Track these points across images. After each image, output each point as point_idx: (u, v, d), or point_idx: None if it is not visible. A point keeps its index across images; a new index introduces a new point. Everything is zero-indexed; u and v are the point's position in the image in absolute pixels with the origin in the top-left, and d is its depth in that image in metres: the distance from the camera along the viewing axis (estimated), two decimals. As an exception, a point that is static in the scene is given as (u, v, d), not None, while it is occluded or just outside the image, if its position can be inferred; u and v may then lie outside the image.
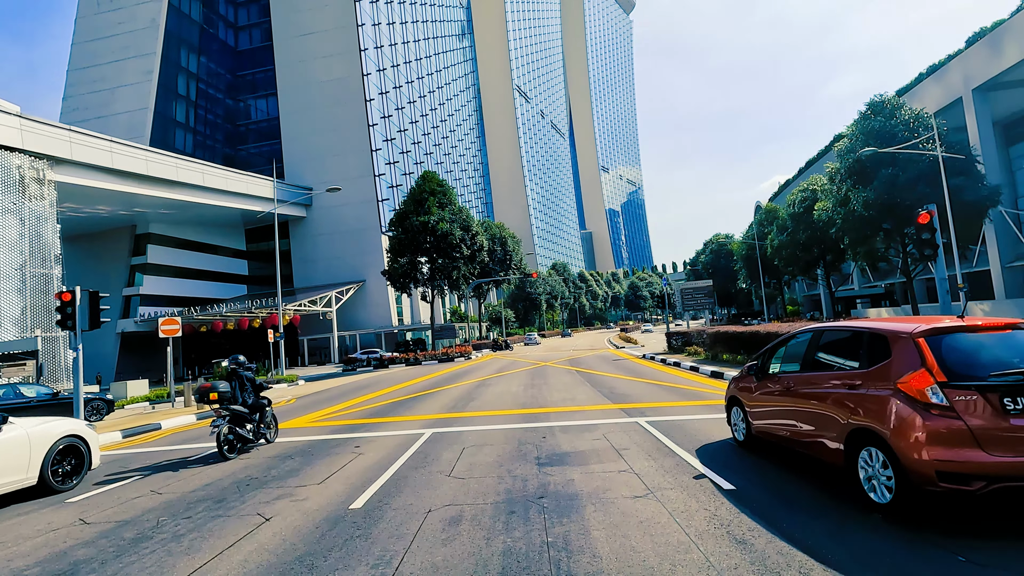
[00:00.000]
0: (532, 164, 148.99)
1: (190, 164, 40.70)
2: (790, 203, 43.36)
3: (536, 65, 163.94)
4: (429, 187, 35.60)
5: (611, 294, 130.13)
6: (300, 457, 7.92)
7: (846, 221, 31.68)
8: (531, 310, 78.30)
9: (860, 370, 4.68)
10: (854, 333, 5.08)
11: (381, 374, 28.47)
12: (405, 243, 33.94)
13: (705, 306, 26.53)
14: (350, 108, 56.93)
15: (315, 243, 57.88)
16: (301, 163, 57.80)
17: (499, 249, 49.44)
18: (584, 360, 26.33)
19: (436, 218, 33.58)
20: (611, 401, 11.43)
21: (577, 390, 13.94)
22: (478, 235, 35.74)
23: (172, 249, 50.04)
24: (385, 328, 53.88)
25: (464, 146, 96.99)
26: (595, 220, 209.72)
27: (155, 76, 49.84)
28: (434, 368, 29.51)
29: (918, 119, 30.55)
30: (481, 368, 26.05)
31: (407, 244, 33.90)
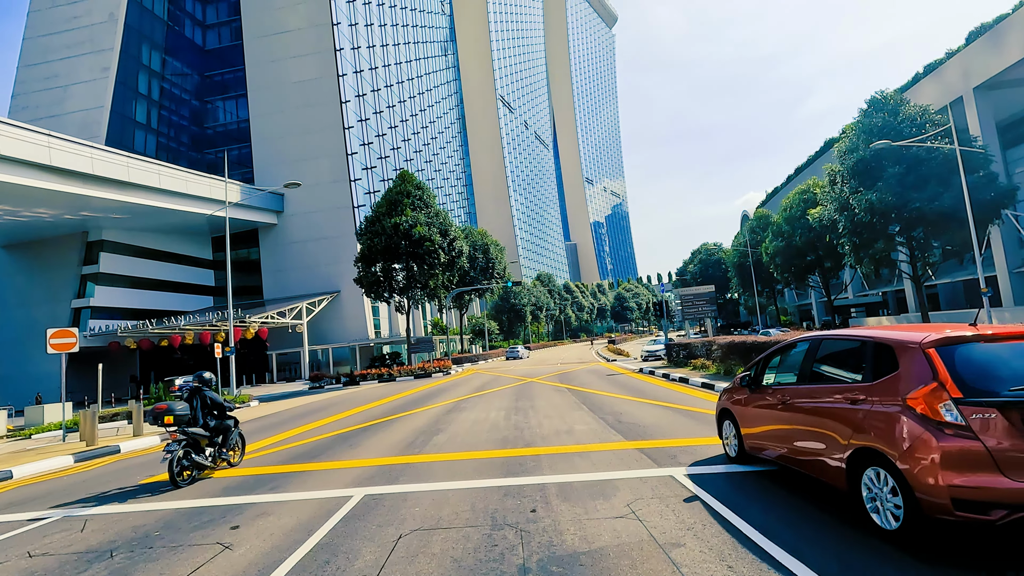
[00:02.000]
0: (516, 174, 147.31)
1: (144, 164, 37.41)
2: (786, 207, 41.53)
3: (519, 76, 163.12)
4: (406, 188, 32.88)
5: (597, 306, 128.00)
6: (117, 557, 4.72)
7: (849, 225, 29.72)
8: (516, 322, 75.54)
9: (864, 383, 4.32)
10: (856, 342, 4.69)
11: (347, 393, 25.43)
12: (377, 248, 31.06)
13: (707, 314, 24.11)
14: (324, 110, 54.13)
15: (287, 252, 54.62)
16: (272, 167, 54.68)
17: (481, 257, 46.74)
18: (575, 375, 23.62)
19: (411, 221, 30.79)
20: (621, 435, 8.71)
21: (573, 416, 11.20)
22: (457, 240, 33.02)
23: (128, 258, 46.41)
24: (361, 341, 50.63)
25: (446, 154, 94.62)
26: (580, 232, 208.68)
27: (112, 73, 46.51)
28: (408, 385, 26.53)
29: (924, 115, 28.76)
30: (459, 385, 23.18)
31: (379, 249, 31.03)
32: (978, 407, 3.59)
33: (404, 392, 22.08)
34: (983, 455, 3.47)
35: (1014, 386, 3.63)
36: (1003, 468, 3.43)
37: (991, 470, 3.44)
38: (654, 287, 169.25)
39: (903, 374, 3.97)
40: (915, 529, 3.68)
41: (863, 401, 4.19)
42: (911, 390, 3.83)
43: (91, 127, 45.00)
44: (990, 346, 3.94)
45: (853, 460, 4.18)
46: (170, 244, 51.30)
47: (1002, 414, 3.54)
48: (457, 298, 49.27)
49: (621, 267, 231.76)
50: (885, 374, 4.13)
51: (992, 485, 3.40)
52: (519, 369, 32.96)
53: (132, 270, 47.05)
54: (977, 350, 3.93)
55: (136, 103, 49.87)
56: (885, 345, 4.27)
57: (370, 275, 31.82)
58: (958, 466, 3.50)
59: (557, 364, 36.34)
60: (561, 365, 34.09)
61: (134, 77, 49.56)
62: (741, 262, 51.75)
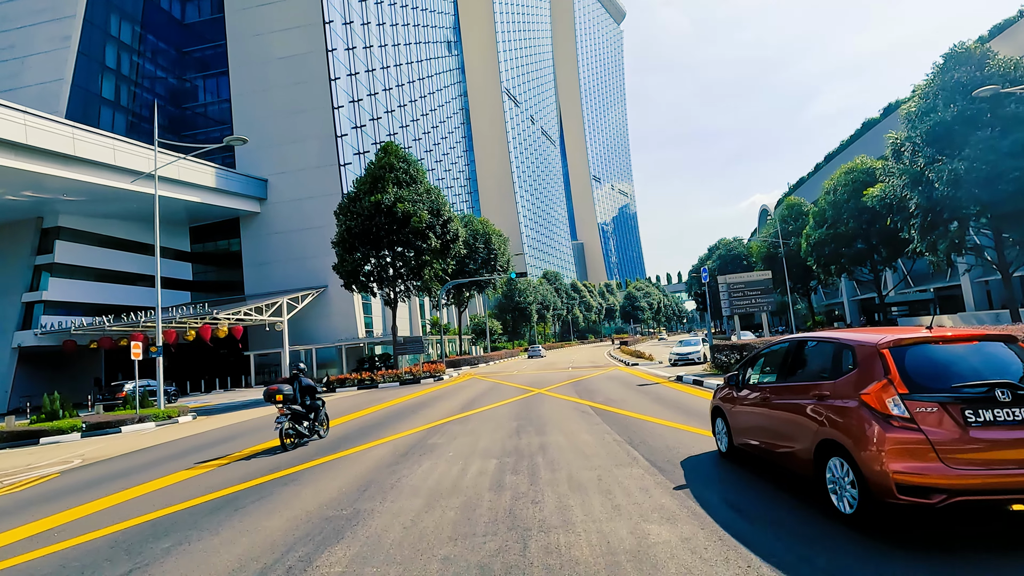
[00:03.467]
0: (522, 170, 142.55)
1: (94, 136, 32.70)
2: (829, 190, 36.31)
3: (525, 70, 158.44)
4: (389, 162, 27.96)
5: (605, 306, 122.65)
6: None
7: (924, 202, 24.53)
8: (521, 321, 70.52)
9: (829, 381, 4.65)
10: (826, 344, 5.03)
11: (310, 404, 20.51)
12: (355, 231, 26.16)
13: (761, 307, 19.06)
14: (312, 88, 49.42)
15: (270, 243, 49.92)
16: (255, 151, 49.94)
17: (482, 248, 41.78)
18: (595, 384, 18.60)
19: (394, 197, 25.84)
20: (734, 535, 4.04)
21: (628, 484, 6.06)
22: (452, 222, 28.03)
23: (91, 247, 41.81)
24: (349, 341, 45.78)
25: (448, 144, 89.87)
26: (587, 231, 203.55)
27: (74, 43, 41.96)
28: (388, 395, 21.60)
29: (1017, 67, 23.56)
30: (447, 397, 18.23)
31: (357, 232, 26.11)
32: (923, 402, 3.93)
33: (377, 405, 17.15)
34: (925, 445, 3.78)
35: (957, 383, 3.97)
36: (943, 457, 3.74)
37: (932, 459, 3.75)
38: (664, 287, 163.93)
39: (860, 372, 4.32)
40: (868, 512, 4.03)
41: (828, 397, 4.53)
42: (866, 386, 4.19)
43: (49, 101, 40.43)
44: (940, 347, 4.29)
45: (819, 451, 4.51)
46: (142, 234, 46.72)
47: (943, 408, 3.88)
48: (456, 294, 44.31)
49: (628, 268, 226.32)
50: (846, 372, 4.48)
51: (933, 472, 3.71)
52: (525, 375, 27.96)
53: (96, 261, 42.44)
54: (928, 351, 4.25)
55: (103, 78, 45.30)
56: (847, 346, 4.63)
57: (348, 263, 26.92)
58: (902, 455, 3.81)
59: (568, 368, 31.31)
60: (573, 369, 29.04)
61: (100, 49, 44.99)
62: (771, 254, 46.48)
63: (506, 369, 36.00)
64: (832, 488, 4.38)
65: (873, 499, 3.93)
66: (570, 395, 15.57)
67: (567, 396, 15.25)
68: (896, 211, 27.35)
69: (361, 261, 27.19)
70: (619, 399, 13.73)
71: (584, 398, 14.48)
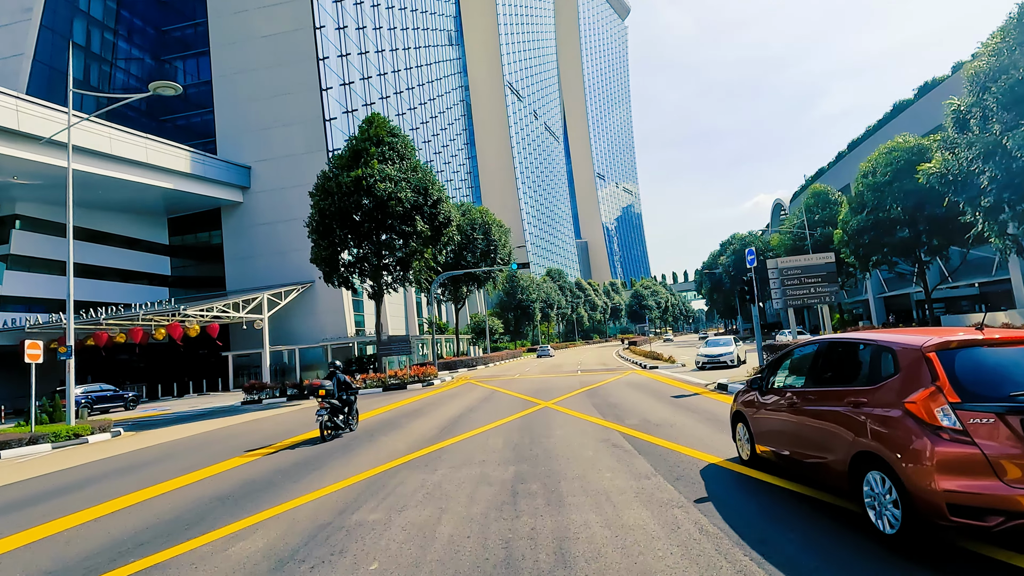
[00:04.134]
0: (525, 166, 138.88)
1: (37, 109, 29.13)
2: (867, 172, 32.44)
3: (529, 65, 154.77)
4: (375, 135, 24.25)
5: (611, 305, 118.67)
6: None
7: (1002, 174, 20.76)
8: (523, 320, 66.77)
9: (866, 387, 4.24)
10: (861, 345, 4.61)
11: (262, 418, 16.88)
12: (330, 213, 22.44)
13: (822, 297, 15.33)
14: (298, 68, 45.83)
15: (254, 235, 46.32)
16: (237, 135, 46.49)
17: (481, 238, 38.00)
18: (614, 393, 14.85)
19: (375, 174, 22.10)
20: None
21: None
22: (443, 204, 24.29)
23: (54, 238, 38.25)
24: (338, 340, 42.11)
25: (448, 136, 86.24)
26: (591, 229, 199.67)
27: (37, 15, 38.44)
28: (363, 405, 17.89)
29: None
30: (428, 412, 14.53)
31: (332, 213, 22.39)
32: (976, 412, 3.51)
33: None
34: (981, 460, 3.40)
35: (1014, 391, 3.56)
36: (1000, 474, 3.37)
37: (988, 476, 3.37)
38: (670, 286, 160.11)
39: (903, 378, 3.92)
40: (912, 534, 3.66)
41: (865, 404, 4.13)
42: (910, 394, 3.78)
43: (8, 78, 36.89)
44: (994, 351, 3.87)
45: (855, 463, 4.14)
46: (114, 225, 43.24)
47: (1001, 420, 3.46)
48: (452, 289, 40.58)
49: (633, 267, 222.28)
50: (887, 378, 4.08)
51: (989, 491, 3.34)
52: (528, 380, 24.22)
53: (59, 253, 38.88)
54: (980, 355, 3.84)
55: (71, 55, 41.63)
56: (886, 348, 4.23)
57: (324, 249, 23.24)
58: (954, 471, 3.42)
59: (576, 371, 27.58)
60: (583, 373, 25.31)
61: (67, 24, 41.49)
62: (796, 247, 42.62)
63: (506, 372, 32.26)
64: (870, 505, 3.99)
65: (919, 519, 3.56)
66: (588, 412, 11.81)
67: (584, 414, 11.49)
68: (960, 189, 23.52)
69: (339, 248, 23.49)
70: (660, 420, 9.96)
71: (609, 418, 10.71)
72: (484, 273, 38.83)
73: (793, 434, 5.07)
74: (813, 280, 15.42)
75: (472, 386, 22.59)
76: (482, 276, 38.78)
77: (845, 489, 4.28)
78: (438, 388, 23.01)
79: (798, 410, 4.98)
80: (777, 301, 15.56)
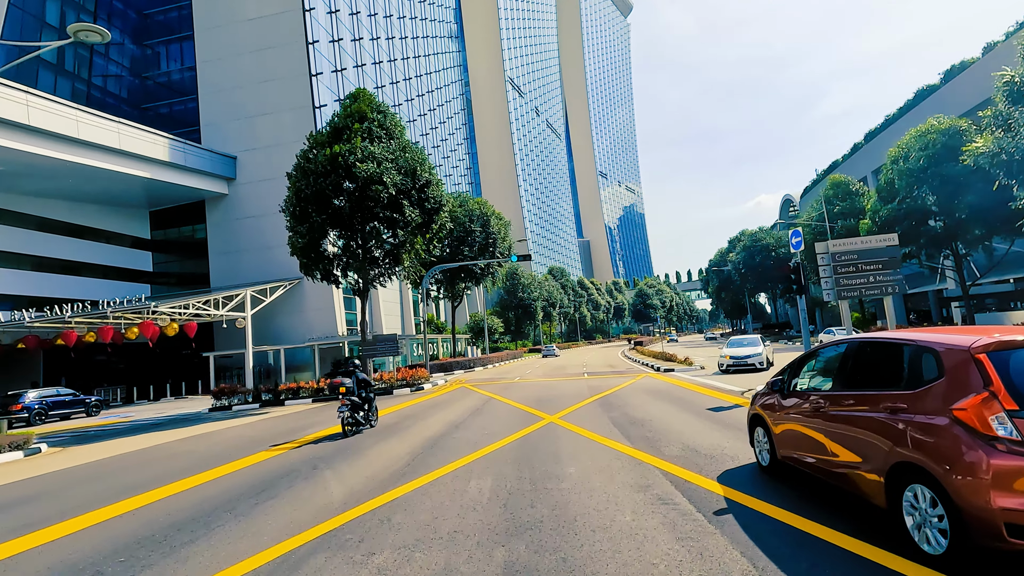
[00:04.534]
0: (526, 162, 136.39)
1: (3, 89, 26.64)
2: (898, 158, 29.83)
3: (530, 59, 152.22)
4: (359, 110, 21.67)
5: (614, 304, 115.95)
6: None
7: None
8: (524, 319, 64.16)
9: (905, 391, 3.78)
10: (898, 345, 4.12)
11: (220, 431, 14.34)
12: (306, 194, 19.89)
13: (884, 287, 12.67)
14: (286, 53, 43.31)
15: (239, 229, 43.78)
16: (223, 124, 43.99)
17: (479, 230, 35.41)
18: (632, 404, 12.24)
19: (355, 152, 19.50)
20: None
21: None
22: (433, 187, 21.69)
23: (23, 230, 35.84)
24: (327, 340, 39.56)
25: (447, 130, 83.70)
26: (593, 228, 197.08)
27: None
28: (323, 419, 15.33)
29: None
30: (405, 428, 11.97)
31: (308, 196, 19.83)
32: None
33: (247, 458, 10.88)
34: None
35: None
36: None
37: None
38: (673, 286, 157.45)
39: (949, 382, 3.49)
40: (963, 555, 3.25)
41: (904, 411, 3.71)
42: (958, 400, 3.35)
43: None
44: None
45: (893, 475, 3.73)
46: (92, 218, 40.80)
47: None
48: (448, 285, 37.98)
49: (636, 267, 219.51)
50: (929, 381, 3.65)
51: None
52: (529, 385, 21.66)
53: (30, 247, 36.44)
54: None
55: (42, 36, 39.30)
56: (929, 349, 3.78)
57: (301, 236, 20.67)
58: (1012, 487, 3.00)
59: (582, 372, 25.01)
60: (590, 376, 22.73)
61: (39, 4, 39.00)
62: (816, 240, 39.85)
63: (506, 374, 29.67)
64: (912, 522, 3.60)
65: (971, 540, 3.15)
66: (607, 432, 9.21)
67: (603, 436, 8.88)
68: (1018, 168, 20.93)
69: (318, 236, 20.92)
70: (710, 448, 7.35)
71: (638, 443, 8.08)
72: (482, 268, 36.24)
73: (820, 441, 4.68)
74: (872, 267, 12.79)
75: (466, 391, 20.03)
76: (480, 272, 36.17)
77: (880, 502, 3.90)
78: (427, 394, 20.44)
79: (825, 415, 4.62)
80: (828, 293, 12.97)
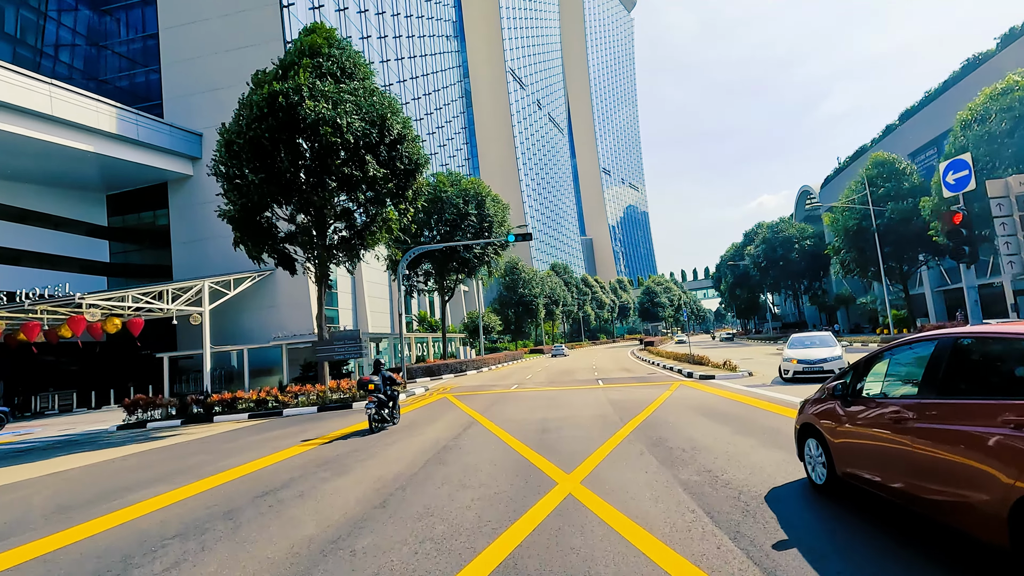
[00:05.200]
0: (528, 156, 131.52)
1: None
2: (970, 121, 24.89)
3: (532, 51, 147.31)
4: (313, 42, 16.83)
5: (618, 303, 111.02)
6: None
7: None
8: (525, 318, 59.24)
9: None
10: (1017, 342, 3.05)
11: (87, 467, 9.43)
12: (239, 149, 15.06)
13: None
14: (258, 17, 38.52)
15: (206, 214, 38.68)
16: (188, 97, 39.22)
17: (473, 214, 30.58)
18: (701, 439, 7.34)
19: (301, 88, 14.64)
20: None
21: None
22: (408, 142, 16.83)
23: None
24: (298, 339, 34.66)
25: (443, 116, 78.88)
26: (596, 226, 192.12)
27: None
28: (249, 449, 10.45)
29: None
30: (294, 502, 7.06)
31: (241, 149, 14.97)
32: None
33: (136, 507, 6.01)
34: None
35: None
36: None
37: None
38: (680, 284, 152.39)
39: None
40: None
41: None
42: None
43: None
44: None
45: (1020, 509, 2.77)
46: (38, 201, 35.98)
47: None
48: (438, 276, 33.07)
49: (640, 266, 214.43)
50: None
51: None
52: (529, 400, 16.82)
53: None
54: None
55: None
56: None
57: (233, 203, 15.84)
58: None
59: (595, 379, 20.11)
60: (606, 385, 17.85)
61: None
62: (856, 229, 34.92)
63: (501, 380, 24.75)
64: None
65: None
66: (717, 557, 4.31)
67: (700, 569, 3.96)
68: None
69: (255, 201, 16.05)
70: None
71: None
72: (476, 256, 31.37)
73: (901, 460, 3.65)
74: (1083, 219, 8.01)
75: (448, 405, 15.17)
76: (474, 260, 31.26)
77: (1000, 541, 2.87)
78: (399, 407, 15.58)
79: (911, 428, 3.59)
80: (1011, 260, 8.13)
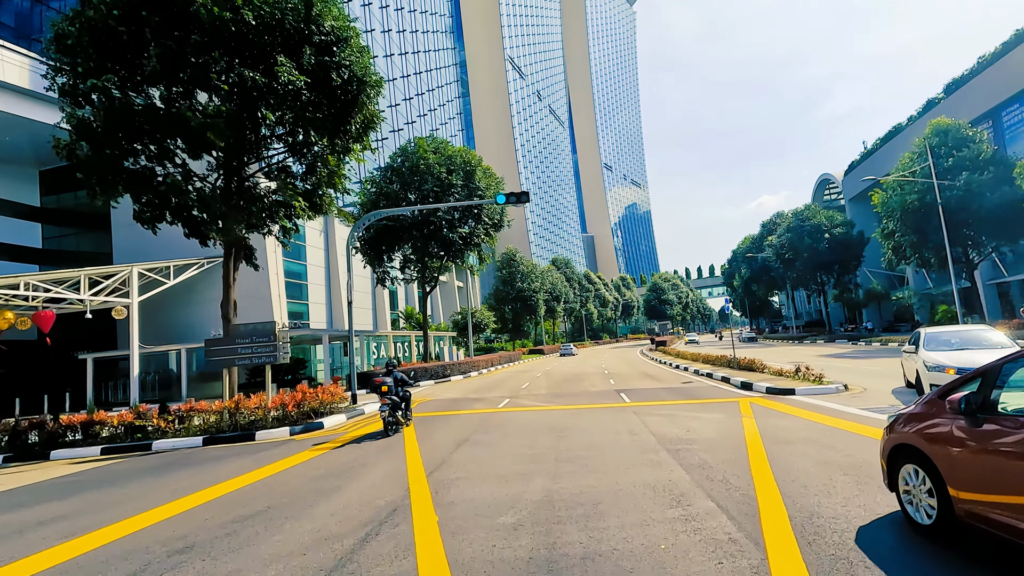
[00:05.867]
0: (527, 148, 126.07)
1: None
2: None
3: (531, 40, 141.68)
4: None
5: (622, 301, 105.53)
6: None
7: None
8: (524, 315, 53.71)
9: None
10: None
11: None
12: (75, 41, 9.60)
13: None
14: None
15: (152, 192, 33.23)
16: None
17: (459, 184, 25.15)
18: None
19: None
20: None
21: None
22: (347, 46, 11.25)
23: None
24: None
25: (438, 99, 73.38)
26: (597, 223, 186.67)
27: None
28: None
29: None
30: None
31: (101, 33, 9.50)
32: None
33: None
34: None
35: None
36: None
37: None
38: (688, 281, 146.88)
39: None
40: None
41: None
42: None
43: None
44: None
45: None
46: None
47: None
48: (418, 262, 27.50)
49: (642, 264, 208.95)
50: None
51: None
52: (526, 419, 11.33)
53: None
54: None
55: None
56: None
57: (91, 131, 10.35)
58: None
59: (613, 389, 14.50)
60: (632, 401, 12.35)
61: None
62: (917, 207, 29.40)
63: (491, 391, 19.20)
64: None
65: None
66: None
67: None
68: None
69: (111, 122, 10.54)
70: None
71: None
72: (462, 238, 25.84)
73: None
74: None
75: (386, 448, 9.66)
76: (458, 242, 25.68)
77: None
78: (316, 449, 10.03)
79: None
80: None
